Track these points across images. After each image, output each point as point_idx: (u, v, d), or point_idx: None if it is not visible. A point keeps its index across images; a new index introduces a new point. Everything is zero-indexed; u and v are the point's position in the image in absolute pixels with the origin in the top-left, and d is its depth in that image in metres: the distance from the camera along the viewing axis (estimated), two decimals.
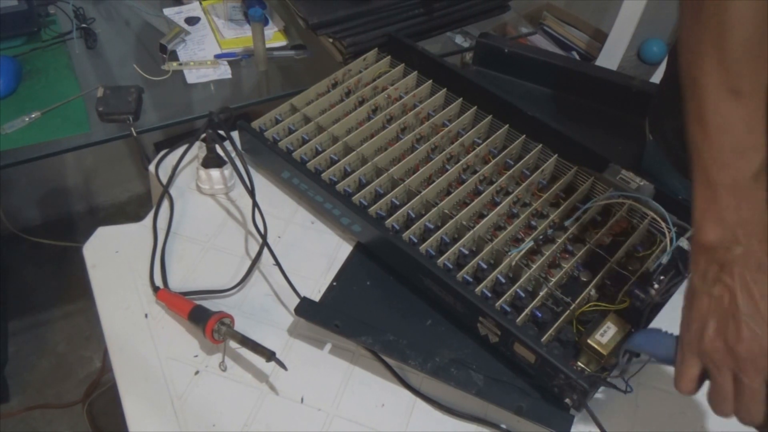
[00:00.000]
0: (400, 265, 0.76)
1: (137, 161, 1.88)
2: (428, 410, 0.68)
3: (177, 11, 1.21)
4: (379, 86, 0.91)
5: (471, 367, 0.68)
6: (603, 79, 1.03)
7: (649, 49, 2.21)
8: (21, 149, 0.97)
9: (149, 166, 0.89)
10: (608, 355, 0.65)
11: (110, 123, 1.00)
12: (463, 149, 0.86)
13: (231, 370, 0.70)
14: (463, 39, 1.20)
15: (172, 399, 0.67)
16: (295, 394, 0.68)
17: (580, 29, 2.12)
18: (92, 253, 0.79)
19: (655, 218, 0.73)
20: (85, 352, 1.64)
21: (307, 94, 0.90)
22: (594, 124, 1.02)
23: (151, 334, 0.72)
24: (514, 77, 1.06)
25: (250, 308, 0.75)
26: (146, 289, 0.76)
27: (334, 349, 0.72)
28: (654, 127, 0.86)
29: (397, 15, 1.11)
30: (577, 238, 0.77)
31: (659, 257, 0.72)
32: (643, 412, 0.68)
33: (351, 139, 0.84)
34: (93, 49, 1.13)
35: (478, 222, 0.76)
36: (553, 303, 0.71)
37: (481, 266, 0.73)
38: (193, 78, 1.09)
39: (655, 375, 0.70)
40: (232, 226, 0.83)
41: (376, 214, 0.76)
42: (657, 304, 0.68)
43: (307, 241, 0.82)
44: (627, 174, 0.77)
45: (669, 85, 0.82)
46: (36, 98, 1.03)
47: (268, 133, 0.84)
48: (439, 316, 0.73)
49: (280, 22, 1.20)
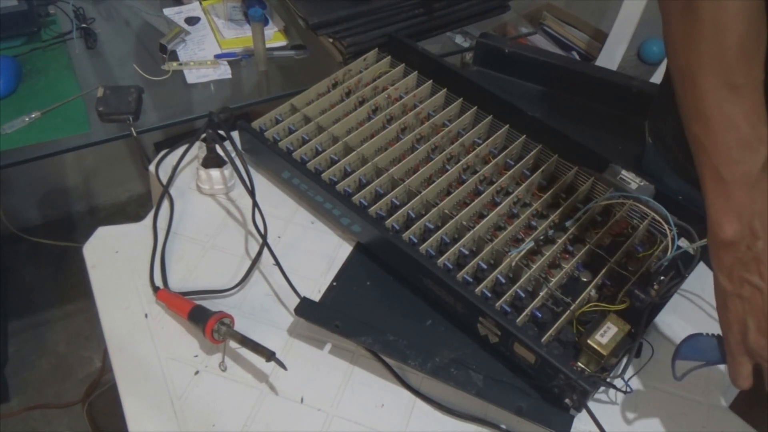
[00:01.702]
0: (400, 265, 0.76)
1: (137, 161, 1.88)
2: (428, 410, 0.68)
3: (177, 11, 1.21)
4: (380, 86, 0.91)
5: (471, 367, 0.68)
6: (603, 79, 1.03)
7: (649, 49, 2.21)
8: (21, 149, 0.97)
9: (149, 166, 0.89)
10: (608, 355, 0.64)
11: (110, 123, 1.00)
12: (463, 149, 0.86)
13: (231, 370, 0.70)
14: (463, 39, 1.20)
15: (171, 399, 0.67)
16: (295, 394, 0.68)
17: (580, 29, 2.12)
18: (92, 253, 0.79)
19: (655, 218, 0.73)
20: (85, 352, 1.64)
21: (307, 94, 0.89)
22: (594, 124, 1.02)
23: (151, 334, 0.72)
24: (514, 77, 1.06)
25: (250, 308, 0.75)
26: (146, 289, 0.76)
27: (334, 349, 0.72)
28: (653, 131, 0.86)
29: (397, 15, 1.11)
30: (577, 239, 0.77)
31: (659, 257, 0.72)
32: (643, 412, 0.68)
33: (351, 139, 0.84)
34: (93, 49, 1.13)
35: (478, 222, 0.76)
36: (553, 303, 0.71)
37: (481, 266, 0.73)
38: (193, 78, 1.09)
39: (655, 375, 0.70)
40: (232, 226, 0.83)
41: (376, 214, 0.76)
42: (657, 304, 0.68)
43: (307, 241, 0.82)
44: (627, 174, 0.77)
45: (668, 88, 0.82)
46: (36, 98, 1.03)
47: (268, 133, 0.84)
48: (439, 316, 0.73)
49: (280, 22, 1.20)
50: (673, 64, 0.56)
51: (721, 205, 0.53)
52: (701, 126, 0.54)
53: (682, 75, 0.55)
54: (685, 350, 0.62)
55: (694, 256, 0.69)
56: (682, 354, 0.62)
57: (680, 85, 0.55)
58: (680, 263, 0.69)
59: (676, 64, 0.55)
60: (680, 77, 0.55)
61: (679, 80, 0.55)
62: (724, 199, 0.53)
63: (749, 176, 0.52)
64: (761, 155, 0.52)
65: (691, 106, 0.54)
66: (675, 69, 0.56)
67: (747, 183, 0.52)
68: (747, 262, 0.53)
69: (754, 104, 0.52)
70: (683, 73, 0.55)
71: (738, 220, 0.53)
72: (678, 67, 0.55)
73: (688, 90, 0.54)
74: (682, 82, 0.55)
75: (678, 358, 0.62)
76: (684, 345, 0.62)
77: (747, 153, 0.52)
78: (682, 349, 0.62)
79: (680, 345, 0.62)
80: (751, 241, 0.53)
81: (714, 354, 0.60)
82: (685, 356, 0.62)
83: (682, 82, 0.55)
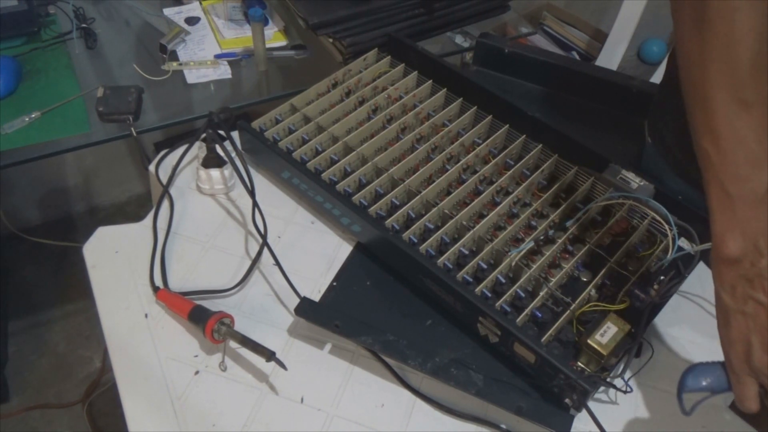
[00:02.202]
0: (400, 265, 0.76)
1: (137, 161, 1.88)
2: (428, 410, 0.68)
3: (177, 11, 1.21)
4: (379, 86, 0.91)
5: (471, 367, 0.68)
6: (603, 79, 1.03)
7: (649, 49, 2.22)
8: (21, 149, 0.97)
9: (149, 166, 0.89)
10: (608, 355, 0.64)
11: (110, 123, 1.00)
12: (463, 149, 0.86)
13: (231, 370, 0.70)
14: (463, 39, 1.20)
15: (171, 399, 0.67)
16: (295, 394, 0.68)
17: (580, 29, 2.12)
18: (92, 253, 0.79)
19: (655, 218, 0.73)
20: (85, 352, 1.64)
21: (307, 94, 0.89)
22: (594, 124, 1.02)
23: (151, 334, 0.72)
24: (514, 77, 1.06)
25: (250, 308, 0.75)
26: (146, 289, 0.76)
27: (334, 349, 0.72)
28: (653, 131, 0.86)
29: (397, 15, 1.11)
30: (577, 239, 0.77)
31: (659, 257, 0.72)
32: (643, 412, 0.68)
33: (351, 139, 0.84)
34: (93, 49, 1.13)
35: (478, 222, 0.76)
36: (553, 303, 0.71)
37: (481, 266, 0.73)
38: (193, 78, 1.09)
39: (655, 375, 0.70)
40: (232, 226, 0.83)
41: (376, 214, 0.76)
42: (657, 304, 0.68)
43: (307, 241, 0.82)
44: (627, 174, 0.77)
45: (668, 89, 0.82)
46: (36, 98, 1.03)
47: (268, 133, 0.84)
48: (439, 316, 0.73)
49: (280, 22, 1.20)
50: (684, 78, 0.56)
51: (727, 221, 0.53)
52: (710, 141, 0.53)
53: (693, 89, 0.55)
54: (689, 382, 0.59)
55: (694, 256, 0.69)
56: (687, 387, 0.59)
57: (691, 99, 0.55)
58: (680, 263, 0.69)
59: (687, 79, 0.55)
60: (691, 92, 0.55)
61: (690, 95, 0.55)
62: (730, 215, 0.53)
63: (756, 193, 0.52)
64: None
65: (701, 121, 0.54)
66: (686, 84, 0.56)
67: (753, 200, 0.52)
68: (751, 278, 0.52)
69: (764, 121, 0.52)
70: (695, 87, 0.54)
71: (742, 237, 0.52)
72: (689, 81, 0.55)
73: (699, 105, 0.54)
74: (693, 96, 0.55)
75: (684, 391, 0.59)
76: (687, 376, 0.60)
77: (755, 170, 0.52)
78: (686, 382, 0.59)
79: (683, 377, 0.60)
80: (755, 258, 0.52)
81: (720, 382, 0.58)
82: (691, 388, 0.59)
83: (693, 97, 0.55)
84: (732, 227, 0.53)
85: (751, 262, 0.52)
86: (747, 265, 0.52)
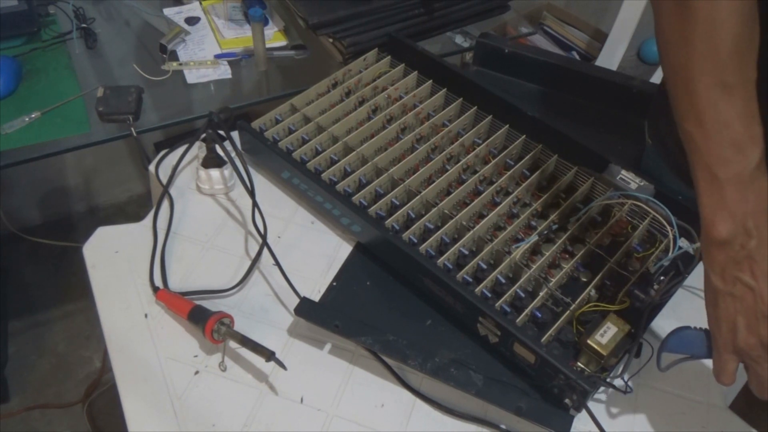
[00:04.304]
0: (400, 265, 0.76)
1: (137, 161, 1.88)
2: (428, 410, 0.68)
3: (177, 11, 1.21)
4: (379, 86, 0.91)
5: (471, 367, 0.68)
6: (603, 79, 1.03)
7: (649, 49, 2.22)
8: (21, 149, 0.97)
9: (149, 166, 0.89)
10: (608, 355, 0.64)
11: (110, 123, 1.00)
12: (463, 149, 0.86)
13: (231, 370, 0.70)
14: (463, 39, 1.20)
15: (171, 399, 0.67)
16: (295, 394, 0.68)
17: (580, 29, 2.12)
18: (92, 253, 0.79)
19: (656, 218, 0.73)
20: (85, 352, 1.64)
21: (307, 94, 0.89)
22: (594, 124, 1.02)
23: (150, 334, 0.72)
24: (514, 77, 1.06)
25: (249, 308, 0.75)
26: (146, 289, 0.76)
27: (334, 349, 0.72)
28: (653, 131, 0.86)
29: (397, 15, 1.11)
30: (577, 239, 0.77)
31: (659, 257, 0.72)
32: (643, 412, 0.68)
33: (351, 139, 0.84)
34: (93, 49, 1.13)
35: (478, 222, 0.76)
36: (553, 303, 0.71)
37: (481, 266, 0.73)
38: (193, 78, 1.09)
39: (655, 375, 0.70)
40: (232, 226, 0.83)
41: (375, 214, 0.76)
42: (657, 304, 0.68)
43: (307, 241, 0.82)
44: (627, 174, 0.77)
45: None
46: (36, 98, 1.03)
47: (268, 133, 0.84)
48: (439, 316, 0.73)
49: (280, 22, 1.20)
50: (666, 63, 0.56)
51: (715, 204, 0.53)
52: (694, 125, 0.54)
53: (675, 74, 0.55)
54: (672, 343, 0.62)
55: (693, 256, 0.69)
56: (668, 346, 0.62)
57: (673, 84, 0.55)
58: (680, 263, 0.69)
59: (669, 63, 0.55)
60: (673, 76, 0.55)
61: (672, 79, 0.55)
62: (718, 199, 0.53)
63: (742, 175, 0.52)
64: (754, 155, 0.52)
65: (685, 106, 0.54)
66: (668, 68, 0.56)
67: (740, 182, 0.52)
68: (740, 261, 0.53)
69: (747, 104, 0.52)
70: (676, 72, 0.54)
71: (731, 219, 0.53)
72: (671, 66, 0.55)
73: (681, 89, 0.54)
74: (675, 81, 0.55)
75: (664, 350, 0.62)
76: (671, 337, 0.62)
77: (740, 152, 0.52)
78: (669, 342, 0.62)
79: (667, 337, 0.62)
80: (744, 240, 0.53)
81: (701, 348, 0.60)
82: (672, 349, 0.62)
83: (675, 82, 0.55)
84: (721, 210, 0.53)
85: (740, 244, 0.53)
86: (736, 247, 0.53)
